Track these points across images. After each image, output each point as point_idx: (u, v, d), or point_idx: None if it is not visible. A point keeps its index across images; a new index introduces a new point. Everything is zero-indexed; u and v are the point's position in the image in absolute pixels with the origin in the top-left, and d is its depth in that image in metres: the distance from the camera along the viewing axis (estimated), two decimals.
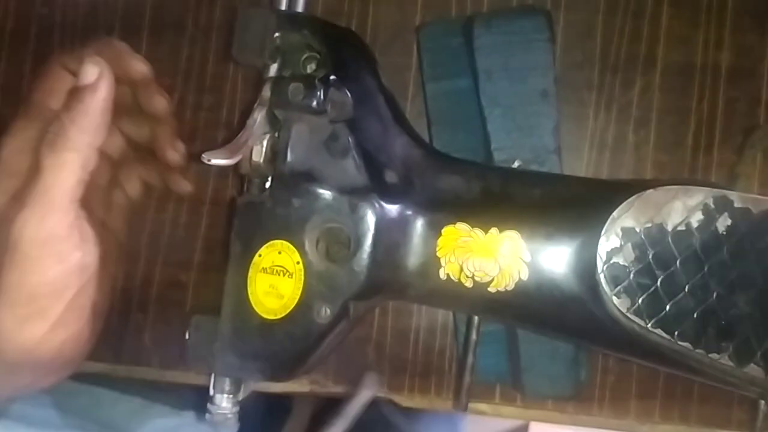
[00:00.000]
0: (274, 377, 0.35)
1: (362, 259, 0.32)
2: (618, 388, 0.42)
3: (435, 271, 0.32)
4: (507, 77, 0.35)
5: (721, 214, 0.30)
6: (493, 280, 0.32)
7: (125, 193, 0.38)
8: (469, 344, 0.36)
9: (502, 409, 0.43)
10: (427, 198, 0.33)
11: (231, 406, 0.34)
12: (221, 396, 0.33)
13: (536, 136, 0.35)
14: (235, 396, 0.34)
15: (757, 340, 0.30)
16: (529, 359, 0.37)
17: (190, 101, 0.43)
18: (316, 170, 0.31)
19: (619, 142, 0.42)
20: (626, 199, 0.30)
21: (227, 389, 0.34)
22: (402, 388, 0.43)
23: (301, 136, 0.31)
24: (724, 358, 0.30)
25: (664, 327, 0.30)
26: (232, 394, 0.34)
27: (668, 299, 0.30)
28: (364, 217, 0.31)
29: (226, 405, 0.34)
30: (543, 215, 0.32)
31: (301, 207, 0.32)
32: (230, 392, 0.34)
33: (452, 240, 0.32)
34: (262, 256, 0.32)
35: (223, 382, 0.34)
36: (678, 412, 0.41)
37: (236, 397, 0.34)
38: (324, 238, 0.32)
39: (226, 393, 0.34)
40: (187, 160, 0.41)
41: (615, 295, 0.30)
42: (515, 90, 0.35)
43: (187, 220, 0.44)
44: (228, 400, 0.34)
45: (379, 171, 0.32)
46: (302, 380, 0.44)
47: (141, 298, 0.44)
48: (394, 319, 0.43)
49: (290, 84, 0.30)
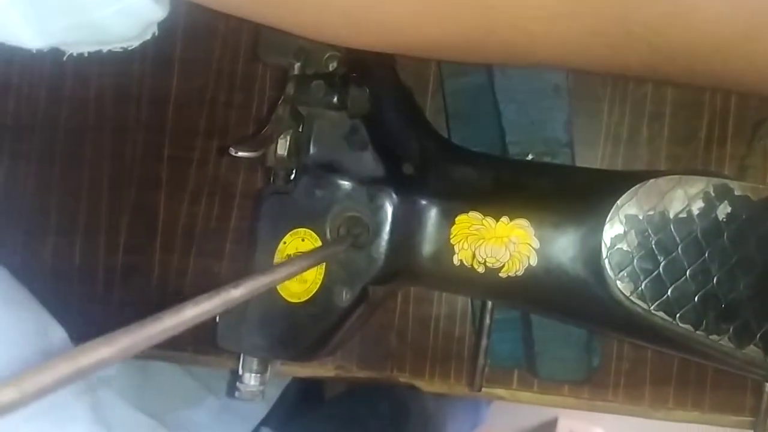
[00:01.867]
0: (298, 357, 0.38)
1: (380, 245, 0.35)
2: (632, 374, 0.44)
3: (449, 257, 0.35)
4: (521, 73, 0.38)
5: (722, 201, 0.33)
6: (504, 266, 0.35)
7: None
8: (483, 327, 0.39)
9: (519, 395, 0.45)
10: (442, 188, 0.36)
11: (258, 384, 0.37)
12: (249, 375, 0.37)
13: (549, 130, 0.38)
14: (262, 375, 0.37)
15: (756, 322, 0.32)
16: (543, 344, 0.40)
17: (222, 99, 0.47)
18: (337, 162, 0.35)
19: (633, 136, 0.44)
20: (630, 188, 0.33)
21: (255, 368, 0.37)
22: (423, 373, 0.46)
23: (323, 131, 0.34)
24: (724, 339, 0.32)
25: (665, 310, 0.33)
26: (259, 373, 0.37)
27: (670, 283, 0.33)
28: (381, 207, 0.34)
29: (254, 383, 0.37)
30: (551, 204, 0.34)
31: (323, 197, 0.35)
32: (258, 371, 0.37)
33: (465, 228, 0.35)
34: (287, 243, 0.35)
35: (251, 361, 0.37)
36: (692, 398, 0.44)
37: (264, 376, 0.37)
38: (344, 226, 0.35)
39: (254, 372, 0.37)
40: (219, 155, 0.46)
41: (619, 280, 0.33)
42: (529, 85, 0.38)
43: (218, 213, 0.48)
44: (255, 378, 0.37)
45: (396, 163, 0.35)
46: (328, 365, 0.47)
47: (176, 287, 0.49)
48: (416, 307, 0.46)
49: (312, 82, 0.33)
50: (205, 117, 0.47)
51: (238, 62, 0.46)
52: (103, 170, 0.49)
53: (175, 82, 0.47)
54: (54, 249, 0.49)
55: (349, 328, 0.36)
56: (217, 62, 0.47)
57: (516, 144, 0.38)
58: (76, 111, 0.49)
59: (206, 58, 0.47)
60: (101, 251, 0.49)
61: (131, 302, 0.48)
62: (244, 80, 0.46)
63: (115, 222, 0.48)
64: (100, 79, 0.48)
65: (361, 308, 0.35)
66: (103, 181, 0.49)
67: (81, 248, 0.49)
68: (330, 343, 0.35)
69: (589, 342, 0.40)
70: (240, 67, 0.47)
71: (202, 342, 0.47)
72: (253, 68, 0.46)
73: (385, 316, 0.46)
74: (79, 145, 0.49)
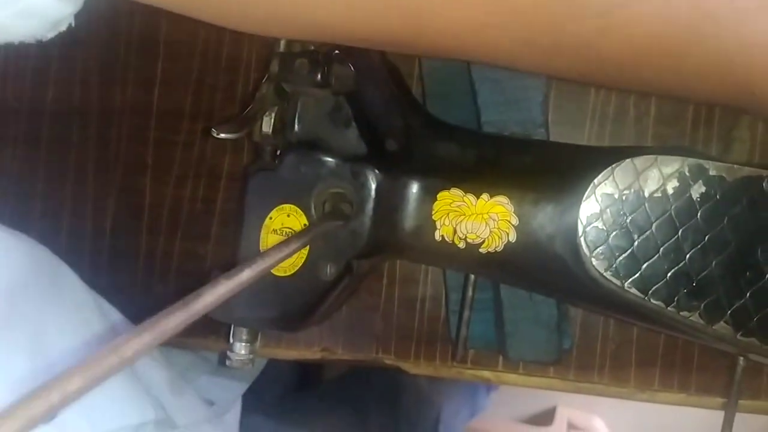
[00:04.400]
0: (286, 328, 0.41)
1: (364, 221, 0.37)
2: (618, 356, 0.47)
3: (430, 232, 0.37)
4: None
5: (696, 181, 0.36)
6: (484, 242, 0.37)
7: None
8: (465, 300, 0.42)
9: (504, 376, 0.48)
10: (425, 165, 0.38)
11: (248, 353, 0.40)
12: (239, 344, 0.40)
13: (524, 110, 0.40)
14: (251, 344, 0.40)
15: (727, 300, 0.35)
16: (513, 325, 0.42)
17: (207, 81, 0.50)
18: (321, 140, 0.37)
19: (620, 115, 0.45)
20: (607, 167, 0.36)
21: (244, 338, 0.40)
22: (408, 355, 0.49)
23: (307, 108, 0.37)
24: (695, 316, 0.35)
25: (638, 287, 0.36)
26: (248, 342, 0.40)
27: (643, 261, 0.36)
28: (365, 183, 0.37)
29: (244, 352, 0.40)
30: (531, 182, 0.37)
31: (308, 174, 0.37)
32: (247, 341, 0.40)
33: (447, 204, 0.37)
34: (273, 218, 0.38)
35: (241, 332, 0.40)
36: (678, 380, 0.46)
37: (253, 346, 0.40)
38: (329, 202, 0.38)
39: (244, 342, 0.40)
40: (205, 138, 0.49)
41: (594, 257, 0.36)
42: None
43: (204, 195, 0.51)
44: (245, 348, 0.40)
45: (380, 140, 0.38)
46: (314, 348, 0.50)
47: (162, 270, 0.52)
48: (401, 289, 0.49)
49: (296, 59, 0.36)
50: (191, 100, 0.49)
51: (224, 44, 0.49)
52: (88, 153, 0.52)
53: (160, 65, 0.50)
54: (40, 233, 0.52)
55: (335, 300, 0.38)
56: (202, 44, 0.50)
57: (491, 124, 0.40)
58: (62, 94, 0.51)
59: (191, 40, 0.49)
60: (87, 234, 0.51)
61: (118, 285, 0.51)
62: (229, 62, 0.49)
63: (101, 205, 0.51)
64: (86, 63, 0.51)
65: (345, 282, 0.38)
66: (88, 165, 0.52)
67: (67, 232, 0.52)
68: (316, 315, 0.38)
69: (560, 323, 0.43)
70: (225, 49, 0.49)
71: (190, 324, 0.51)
72: (238, 50, 0.49)
73: (370, 298, 0.48)
74: (65, 129, 0.51)
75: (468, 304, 0.42)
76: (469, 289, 0.41)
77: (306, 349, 0.49)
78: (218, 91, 0.50)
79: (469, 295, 0.41)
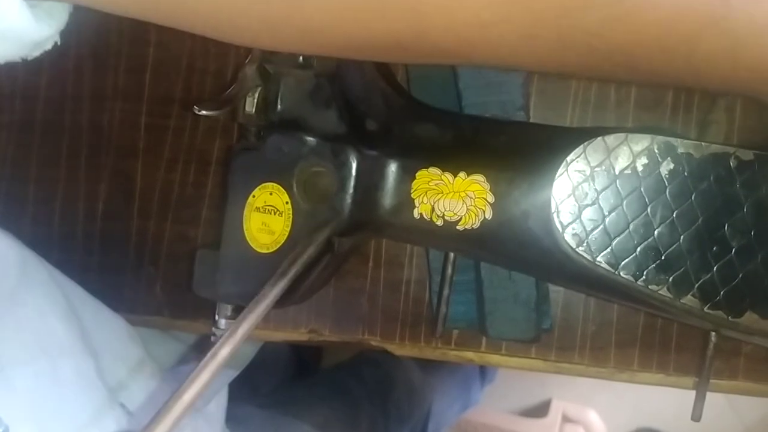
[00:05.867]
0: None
1: (344, 199, 0.39)
2: (598, 337, 0.49)
3: (409, 210, 0.39)
4: None
5: (665, 159, 0.38)
6: (461, 220, 0.39)
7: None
8: (445, 277, 0.44)
9: (487, 357, 0.50)
10: (404, 144, 0.40)
11: None
12: (224, 321, 0.42)
13: (505, 93, 0.42)
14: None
15: (694, 273, 0.37)
16: (492, 304, 0.44)
17: (197, 67, 0.53)
18: (303, 120, 0.39)
19: (602, 101, 0.47)
20: (579, 145, 0.39)
21: (229, 315, 0.42)
22: (393, 337, 0.51)
23: (289, 89, 0.39)
24: (663, 289, 0.38)
25: (609, 261, 0.38)
26: (233, 319, 0.41)
27: (614, 236, 0.38)
28: (345, 162, 0.39)
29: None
30: (506, 160, 0.39)
31: (290, 153, 0.39)
32: (232, 317, 0.42)
33: (425, 183, 0.39)
34: (256, 196, 0.40)
35: (226, 308, 0.42)
36: (656, 360, 0.48)
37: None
38: (310, 180, 0.40)
39: (229, 318, 0.42)
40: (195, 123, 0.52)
41: (566, 233, 0.38)
42: None
43: (195, 180, 0.53)
44: (230, 324, 0.43)
45: (360, 120, 0.40)
46: (301, 329, 0.53)
47: (153, 253, 0.54)
48: (387, 272, 0.51)
49: None
50: (181, 85, 0.52)
51: None
52: (81, 139, 0.54)
53: (151, 51, 0.52)
54: (34, 217, 0.55)
55: (317, 278, 0.41)
56: None
57: (472, 106, 0.42)
58: (56, 81, 0.53)
59: None
60: (80, 218, 0.54)
61: (110, 267, 0.53)
62: (218, 49, 0.51)
63: (94, 189, 0.53)
64: (79, 49, 0.53)
65: (326, 259, 0.40)
66: (81, 150, 0.54)
67: (60, 215, 0.54)
68: (298, 291, 0.41)
69: (539, 304, 0.45)
70: None
71: (179, 306, 0.53)
72: None
73: (356, 281, 0.51)
74: (58, 114, 0.54)
75: (447, 283, 0.44)
76: (449, 268, 0.44)
77: (293, 330, 0.52)
78: (208, 77, 0.52)
79: (448, 273, 0.44)
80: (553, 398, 1.24)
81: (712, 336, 0.41)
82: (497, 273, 0.45)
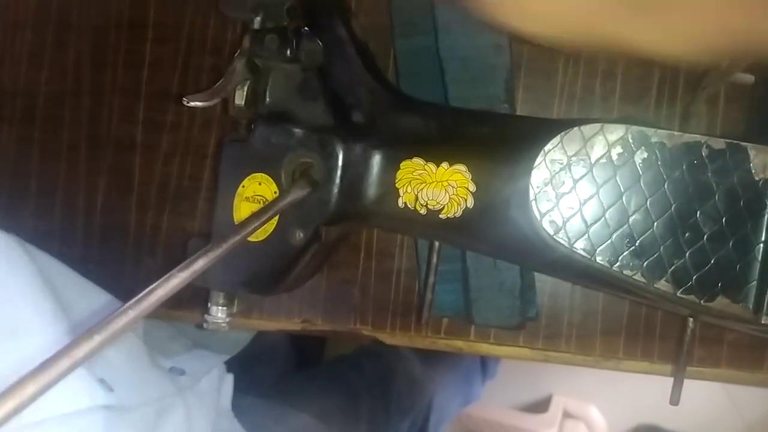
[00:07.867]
0: (259, 291, 0.45)
1: (331, 189, 0.41)
2: (584, 325, 0.51)
3: (394, 200, 0.42)
4: (464, 30, 0.44)
5: (639, 148, 0.40)
6: (443, 208, 0.41)
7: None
8: (430, 265, 0.47)
9: (476, 346, 0.53)
10: (389, 135, 0.42)
11: (225, 317, 0.44)
12: (216, 308, 0.44)
13: (490, 87, 0.44)
14: (228, 308, 0.44)
15: (667, 259, 0.40)
16: (478, 292, 0.46)
17: (193, 63, 0.56)
18: (290, 112, 0.41)
19: (587, 95, 0.49)
20: (557, 135, 0.41)
21: (221, 302, 0.44)
22: (385, 326, 0.54)
23: (278, 82, 0.41)
24: (637, 275, 0.40)
25: (585, 248, 0.40)
26: (225, 306, 0.44)
27: (590, 224, 0.40)
28: (332, 153, 0.41)
29: (221, 315, 0.44)
30: (487, 151, 0.41)
31: (278, 144, 0.41)
32: (223, 305, 0.44)
33: (409, 173, 0.41)
34: (245, 186, 0.42)
35: (218, 296, 0.44)
36: (641, 348, 0.50)
37: (230, 309, 0.45)
38: (298, 171, 0.42)
39: (220, 305, 0.44)
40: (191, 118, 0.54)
41: (544, 220, 0.40)
42: (471, 43, 0.44)
43: (191, 173, 0.56)
44: (222, 311, 0.44)
45: (346, 112, 0.42)
46: (294, 319, 0.56)
47: (151, 244, 0.57)
48: (378, 262, 0.54)
49: (267, 35, 0.40)
50: (178, 81, 0.54)
51: (209, 28, 0.54)
52: (81, 133, 0.57)
53: (148, 48, 0.55)
54: (35, 210, 0.58)
55: (306, 266, 0.43)
56: (188, 28, 0.55)
57: (458, 100, 0.44)
58: (56, 77, 0.56)
59: (178, 23, 0.55)
60: (80, 211, 0.57)
61: (109, 258, 0.56)
62: (214, 45, 0.54)
63: (93, 183, 0.56)
64: (78, 46, 0.57)
65: (314, 248, 0.42)
66: (81, 144, 0.57)
67: (60, 208, 0.57)
68: (287, 279, 0.43)
69: (524, 293, 0.47)
70: (210, 31, 0.54)
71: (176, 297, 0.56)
72: (223, 33, 0.54)
73: (348, 271, 0.53)
74: (59, 110, 0.57)
75: (433, 271, 0.46)
76: (434, 256, 0.46)
77: (287, 320, 0.54)
78: (204, 73, 0.55)
79: (433, 261, 0.46)
80: (553, 394, 1.26)
81: (690, 321, 0.43)
82: (483, 262, 0.47)
